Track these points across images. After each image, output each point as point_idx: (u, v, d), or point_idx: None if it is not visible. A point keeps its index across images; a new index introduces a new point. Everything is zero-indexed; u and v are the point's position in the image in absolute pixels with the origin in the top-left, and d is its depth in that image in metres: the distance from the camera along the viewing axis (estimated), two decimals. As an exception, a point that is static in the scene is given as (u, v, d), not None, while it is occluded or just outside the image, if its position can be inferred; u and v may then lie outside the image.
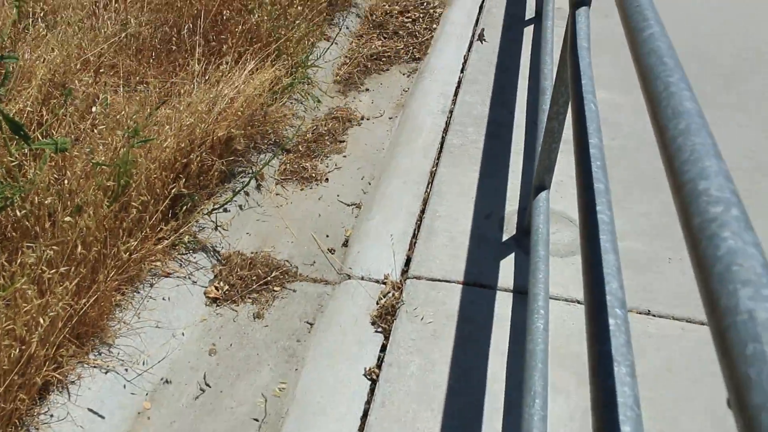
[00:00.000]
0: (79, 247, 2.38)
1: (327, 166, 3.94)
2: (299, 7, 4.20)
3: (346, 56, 4.89)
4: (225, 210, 3.47)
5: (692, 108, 0.96)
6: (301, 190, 3.78)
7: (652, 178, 3.73)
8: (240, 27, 3.94)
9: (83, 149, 2.78)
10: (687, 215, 0.74)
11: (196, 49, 3.67)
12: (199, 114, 3.18)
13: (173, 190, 3.00)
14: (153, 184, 2.88)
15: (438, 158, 3.91)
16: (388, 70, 4.84)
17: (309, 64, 4.36)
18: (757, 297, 0.60)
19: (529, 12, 5.43)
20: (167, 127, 3.03)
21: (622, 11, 1.42)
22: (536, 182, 3.25)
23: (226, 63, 3.72)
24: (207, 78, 3.56)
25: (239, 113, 3.44)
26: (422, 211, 3.55)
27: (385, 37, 5.16)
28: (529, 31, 5.15)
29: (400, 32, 5.22)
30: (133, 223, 2.79)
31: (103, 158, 2.69)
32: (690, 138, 0.86)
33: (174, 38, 3.92)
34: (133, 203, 2.73)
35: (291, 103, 4.20)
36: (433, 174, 3.79)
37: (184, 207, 3.17)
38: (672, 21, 5.28)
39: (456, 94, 4.46)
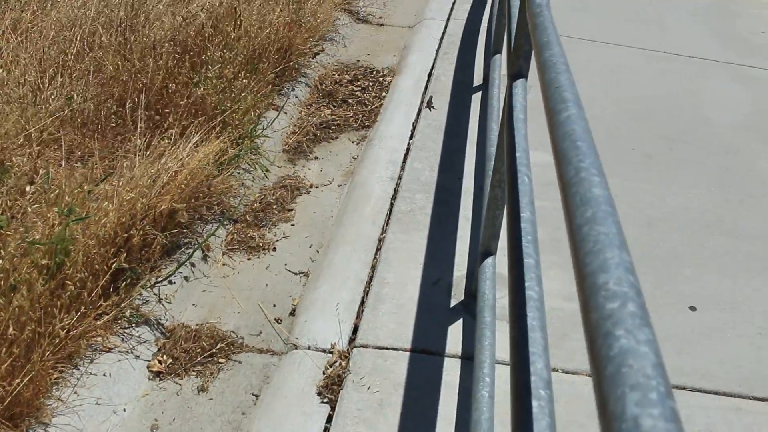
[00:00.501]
0: (11, 328, 2.32)
1: (275, 235, 3.92)
2: (244, 80, 4.21)
3: (295, 125, 4.91)
4: (170, 282, 3.43)
5: (600, 195, 0.97)
6: (249, 259, 3.75)
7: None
8: (185, 100, 3.94)
9: (19, 227, 2.73)
10: (586, 310, 0.74)
11: (138, 123, 3.66)
12: (141, 189, 3.16)
13: (114, 265, 2.96)
14: (92, 260, 2.83)
15: (386, 225, 3.91)
16: (337, 138, 4.87)
17: (256, 134, 4.36)
18: (644, 402, 0.59)
19: (477, 79, 5.52)
20: (106, 203, 3.00)
21: (543, 92, 1.44)
22: (482, 248, 3.27)
23: (170, 137, 3.70)
24: (150, 152, 3.54)
25: (182, 186, 3.42)
26: (370, 279, 3.54)
27: (334, 106, 5.20)
28: (477, 98, 5.23)
29: (350, 101, 5.27)
30: (71, 300, 2.73)
31: (38, 236, 2.65)
32: (595, 227, 0.87)
33: (119, 112, 3.90)
34: (68, 282, 2.68)
35: (239, 173, 4.20)
36: (381, 241, 3.79)
37: (126, 281, 3.12)
38: (619, 83, 5.42)
39: (405, 160, 4.49)
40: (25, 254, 2.61)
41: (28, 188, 2.83)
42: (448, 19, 6.67)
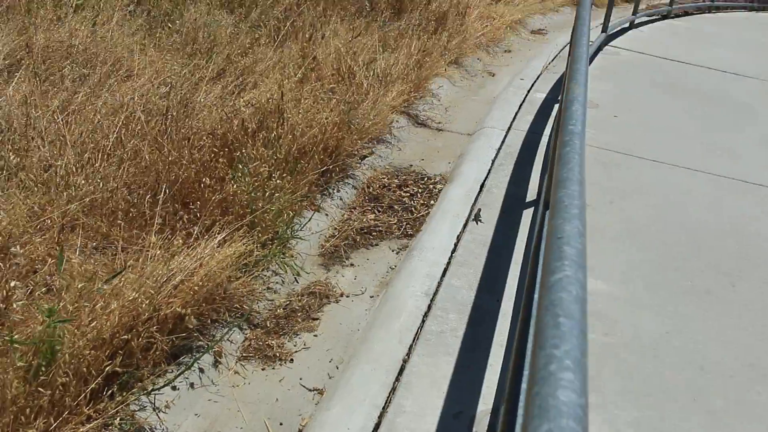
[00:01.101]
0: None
1: (295, 345, 3.70)
2: (278, 180, 4.06)
3: (335, 228, 4.73)
4: (173, 387, 3.21)
5: (566, 402, 0.72)
6: (263, 369, 3.52)
7: (644, 383, 3.44)
8: (215, 196, 3.80)
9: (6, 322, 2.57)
10: None
11: (156, 217, 3.52)
12: (146, 289, 2.98)
13: (107, 368, 2.76)
14: (81, 362, 2.64)
15: (414, 345, 3.65)
16: (377, 245, 4.66)
17: (287, 236, 4.19)
18: None
19: (531, 194, 5.29)
20: (100, 303, 2.82)
21: (546, 245, 1.22)
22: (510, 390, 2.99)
23: (191, 233, 3.55)
24: (168, 248, 3.38)
25: (195, 288, 3.24)
26: (386, 404, 3.27)
27: (379, 211, 5.02)
28: (528, 214, 4.99)
29: (396, 206, 5.09)
30: (52, 404, 2.53)
31: (17, 335, 2.47)
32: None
33: (141, 202, 3.78)
34: (47, 384, 2.49)
35: (267, 275, 4.01)
36: (405, 362, 3.53)
37: (122, 385, 2.91)
38: (680, 208, 5.11)
39: (443, 276, 4.25)
40: (4, 354, 2.43)
41: (12, 283, 2.68)
42: (509, 128, 6.50)
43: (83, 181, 3.79)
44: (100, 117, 4.32)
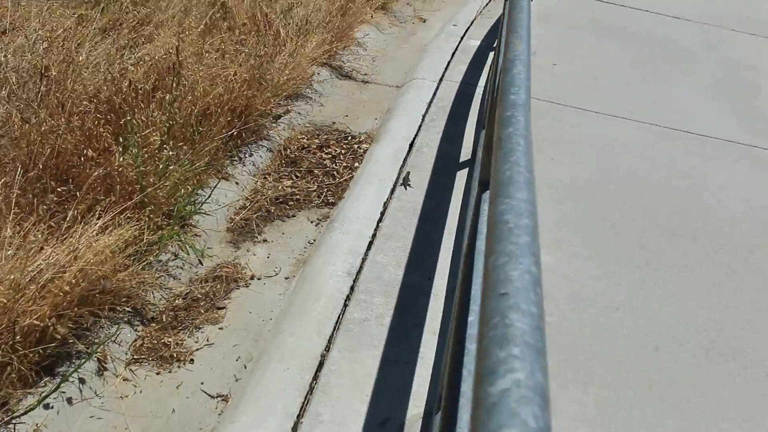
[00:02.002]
0: None
1: (196, 341, 3.19)
2: (170, 151, 3.49)
3: (247, 199, 4.20)
4: (45, 406, 2.69)
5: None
6: (157, 374, 3.02)
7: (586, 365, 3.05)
8: (97, 171, 3.24)
9: None
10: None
11: (12, 201, 2.95)
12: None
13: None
14: None
15: (333, 337, 3.19)
16: (294, 216, 4.15)
17: (187, 212, 3.66)
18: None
19: (466, 153, 4.83)
20: None
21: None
22: (440, 392, 2.55)
23: (65, 219, 3.00)
24: (31, 238, 2.82)
25: (66, 288, 2.70)
26: (302, 411, 2.81)
27: (297, 176, 4.50)
28: (462, 176, 4.53)
29: (316, 171, 4.57)
30: None
31: None
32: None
33: (19, 181, 3.20)
34: None
35: (163, 260, 3.48)
36: (323, 359, 3.06)
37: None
38: (616, 161, 4.70)
39: (368, 251, 3.78)
40: None
41: None
42: (441, 80, 6.00)
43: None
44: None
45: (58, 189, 3.18)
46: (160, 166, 3.42)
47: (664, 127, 5.46)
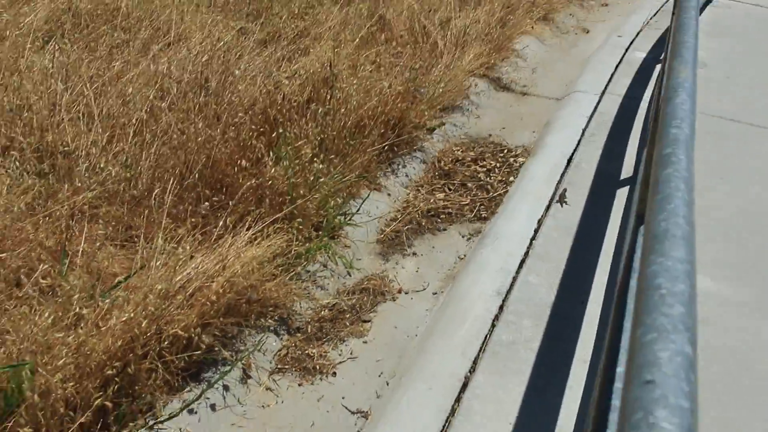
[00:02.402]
0: None
1: (340, 354, 3.17)
2: (320, 164, 3.48)
3: (398, 211, 4.16)
4: (190, 411, 2.73)
5: None
6: (299, 385, 3.00)
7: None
8: (250, 181, 3.28)
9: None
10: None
11: (165, 210, 3.01)
12: (146, 304, 2.49)
13: (96, 402, 2.29)
14: (55, 402, 2.17)
15: (479, 358, 3.07)
16: (445, 230, 4.07)
17: (338, 222, 3.65)
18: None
19: (627, 171, 4.59)
20: (76, 332, 2.33)
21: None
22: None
23: (216, 228, 3.04)
24: (181, 249, 2.88)
25: (213, 299, 2.73)
26: (442, 436, 2.71)
27: (449, 189, 4.42)
28: (622, 195, 4.30)
29: (469, 184, 4.47)
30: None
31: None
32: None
33: (176, 189, 3.29)
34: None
35: (311, 270, 3.48)
36: (467, 382, 2.95)
37: (119, 417, 2.44)
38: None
39: (519, 270, 3.64)
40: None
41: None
42: (603, 93, 5.76)
43: (104, 165, 3.33)
44: (132, 89, 3.84)
45: (213, 198, 3.23)
46: (311, 178, 3.42)
47: None
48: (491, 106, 5.58)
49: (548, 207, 4.17)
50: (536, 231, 3.96)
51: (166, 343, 2.66)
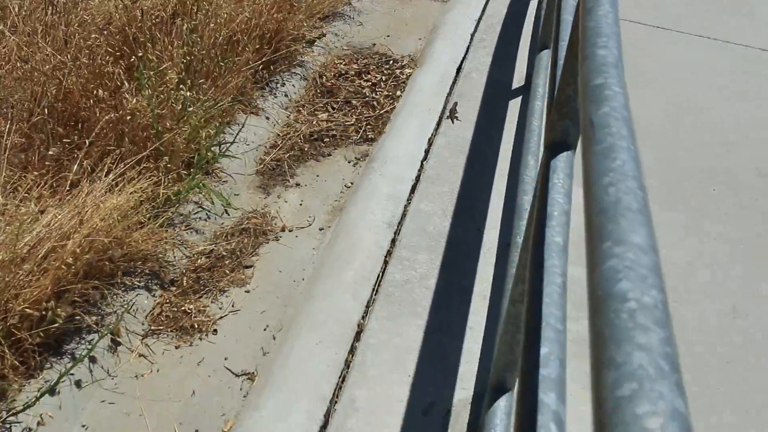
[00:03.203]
0: None
1: (220, 307, 2.88)
2: (187, 91, 3.09)
3: (279, 135, 3.82)
4: (51, 392, 2.41)
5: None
6: (177, 348, 2.71)
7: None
8: (108, 115, 2.88)
9: None
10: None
11: (3, 159, 2.60)
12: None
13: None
14: None
15: (372, 302, 2.85)
16: (330, 155, 3.77)
17: (212, 155, 3.30)
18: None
19: (519, 78, 4.36)
20: None
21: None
22: (493, 382, 2.21)
23: (71, 173, 2.66)
24: (28, 203, 2.49)
25: (69, 261, 2.38)
26: (335, 395, 2.49)
27: (333, 108, 4.09)
28: (515, 106, 4.08)
29: (354, 101, 4.16)
30: None
31: None
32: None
33: (24, 128, 2.86)
34: None
35: (185, 212, 3.14)
36: (360, 330, 2.73)
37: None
38: (699, 94, 4.19)
39: (410, 197, 3.40)
40: None
41: None
42: (491, -8, 5.46)
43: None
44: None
45: (64, 139, 2.83)
46: (178, 108, 3.04)
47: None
48: (374, 11, 5.22)
49: (438, 123, 3.92)
50: (427, 151, 3.71)
51: (15, 319, 2.31)
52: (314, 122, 3.94)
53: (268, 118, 3.90)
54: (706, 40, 4.89)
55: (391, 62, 4.59)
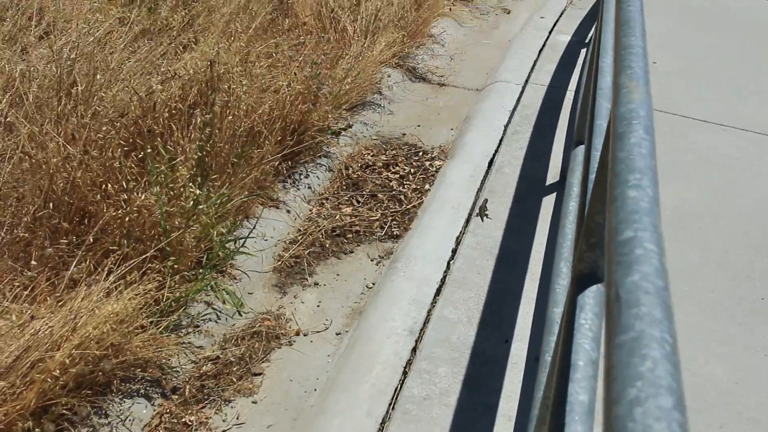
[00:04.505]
0: None
1: (224, 420, 2.67)
2: (197, 189, 2.93)
3: (299, 230, 3.66)
4: None
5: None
6: (174, 466, 2.50)
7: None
8: (116, 212, 2.73)
9: None
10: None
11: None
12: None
13: None
14: None
15: (386, 421, 2.61)
16: (352, 252, 3.59)
17: (226, 252, 3.13)
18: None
19: (553, 174, 4.18)
20: None
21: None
22: None
23: (68, 272, 2.50)
24: (17, 307, 2.33)
25: (59, 370, 2.20)
26: None
27: (358, 202, 3.93)
28: (549, 204, 3.88)
29: (380, 195, 3.99)
30: None
31: None
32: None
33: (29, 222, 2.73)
34: None
35: (192, 315, 2.97)
36: (373, 454, 2.49)
37: None
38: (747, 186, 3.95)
39: (434, 302, 3.19)
40: None
41: None
42: (526, 82, 5.34)
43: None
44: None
45: (61, 238, 2.68)
46: (188, 205, 2.89)
47: None
48: (406, 99, 5.10)
49: (467, 221, 3.73)
50: (454, 251, 3.51)
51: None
52: (337, 217, 3.77)
53: (289, 211, 3.74)
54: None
55: (420, 153, 4.44)
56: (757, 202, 3.98)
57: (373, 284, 3.40)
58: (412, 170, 4.26)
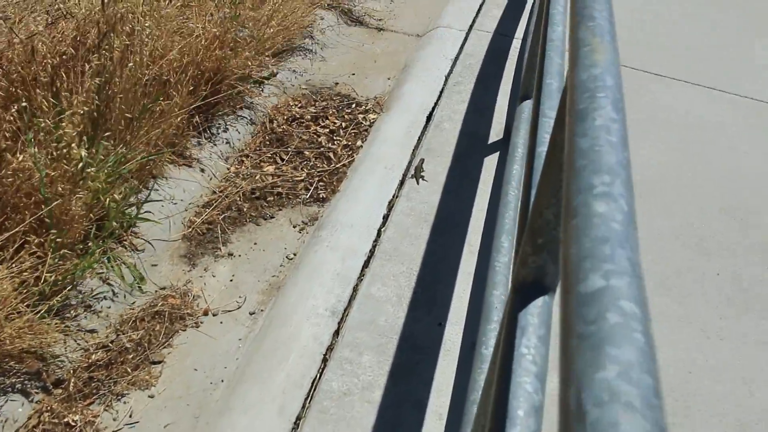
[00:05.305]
0: None
1: (114, 418, 2.32)
2: (82, 149, 2.52)
3: (215, 191, 3.28)
4: None
5: None
6: (51, 476, 2.15)
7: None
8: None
9: None
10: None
11: None
12: None
13: None
14: None
15: (301, 421, 2.30)
16: (272, 217, 3.23)
17: (126, 220, 2.75)
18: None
19: (497, 130, 3.84)
20: None
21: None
22: None
23: None
24: None
25: None
26: None
27: (282, 160, 3.56)
28: (492, 164, 3.56)
29: (307, 152, 3.62)
30: None
31: None
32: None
33: None
34: None
35: (84, 293, 2.59)
36: (283, 459, 2.18)
37: None
38: (703, 147, 3.68)
39: (362, 276, 2.86)
40: None
41: None
42: (470, 29, 4.96)
43: None
44: None
45: None
46: (75, 168, 2.48)
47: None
48: (340, 45, 4.69)
49: (401, 183, 3.39)
50: (386, 218, 3.18)
51: None
52: (258, 176, 3.40)
53: (203, 170, 3.35)
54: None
55: (353, 105, 4.06)
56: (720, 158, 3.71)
57: (295, 255, 3.06)
58: (344, 124, 3.88)
